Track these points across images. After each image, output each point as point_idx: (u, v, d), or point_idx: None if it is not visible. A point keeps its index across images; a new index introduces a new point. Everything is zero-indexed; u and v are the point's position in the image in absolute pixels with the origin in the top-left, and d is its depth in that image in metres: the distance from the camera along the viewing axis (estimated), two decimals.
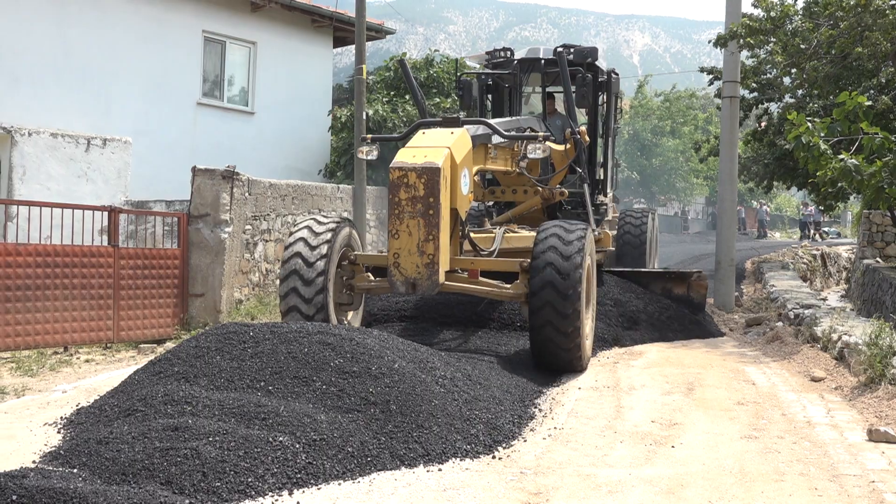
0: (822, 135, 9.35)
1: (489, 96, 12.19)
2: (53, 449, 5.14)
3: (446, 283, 7.66)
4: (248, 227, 12.64)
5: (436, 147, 7.60)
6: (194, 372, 5.81)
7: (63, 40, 16.38)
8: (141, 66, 17.51)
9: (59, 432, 5.67)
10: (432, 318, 9.64)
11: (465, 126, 8.24)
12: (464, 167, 7.86)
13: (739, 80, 14.84)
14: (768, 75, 16.63)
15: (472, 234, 8.92)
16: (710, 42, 14.44)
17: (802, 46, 12.92)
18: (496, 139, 8.83)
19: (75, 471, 4.56)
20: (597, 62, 11.51)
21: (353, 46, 19.42)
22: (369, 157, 8.85)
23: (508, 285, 8.06)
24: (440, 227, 7.28)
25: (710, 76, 18.76)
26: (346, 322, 8.56)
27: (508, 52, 11.97)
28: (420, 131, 8.25)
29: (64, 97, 16.31)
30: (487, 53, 12.32)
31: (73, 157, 15.24)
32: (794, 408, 6.85)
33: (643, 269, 12.15)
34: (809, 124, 9.33)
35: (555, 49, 11.00)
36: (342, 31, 21.11)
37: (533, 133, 9.06)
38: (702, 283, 11.20)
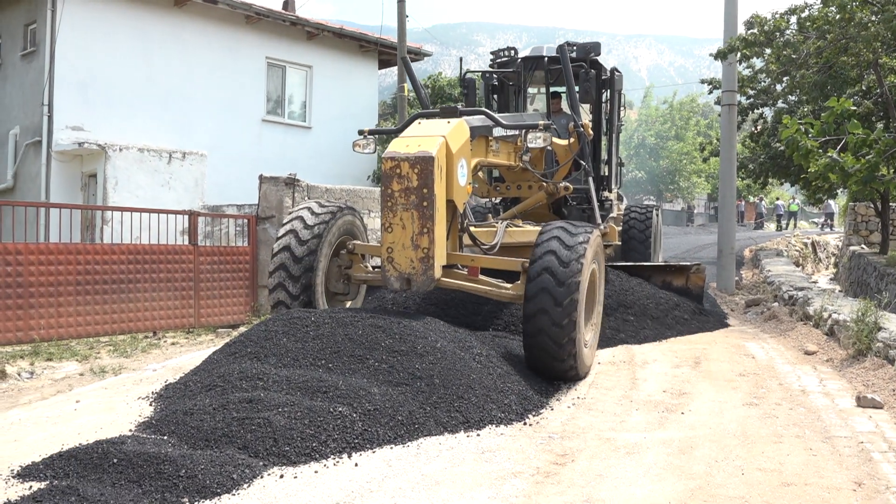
0: (812, 134, 9.21)
1: (495, 96, 11.00)
2: (146, 419, 5.20)
3: (443, 279, 6.45)
4: None
5: (430, 136, 6.41)
6: (265, 352, 5.84)
7: (148, 69, 16.63)
8: (214, 90, 17.74)
9: (150, 405, 5.74)
10: (437, 315, 7.92)
11: (465, 117, 6.99)
12: (461, 157, 6.59)
13: (737, 90, 14.63)
14: (763, 83, 16.39)
15: (473, 229, 7.61)
16: (710, 55, 14.24)
17: (793, 56, 12.69)
18: (498, 132, 7.54)
19: (165, 438, 4.63)
20: (599, 57, 10.23)
21: (396, 68, 19.51)
22: (366, 151, 7.65)
23: (509, 285, 6.73)
24: (435, 220, 6.15)
25: (710, 86, 18.57)
26: None
27: (513, 52, 10.79)
28: (416, 121, 7.02)
29: (149, 117, 16.56)
30: (492, 53, 11.08)
31: (157, 169, 15.48)
32: (789, 378, 6.75)
33: (645, 263, 10.81)
34: (801, 127, 9.19)
35: (558, 46, 9.74)
36: (386, 54, 21.18)
37: (533, 123, 7.75)
38: (699, 275, 10.17)
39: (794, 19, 13.10)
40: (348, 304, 7.57)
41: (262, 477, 4.17)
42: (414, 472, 4.31)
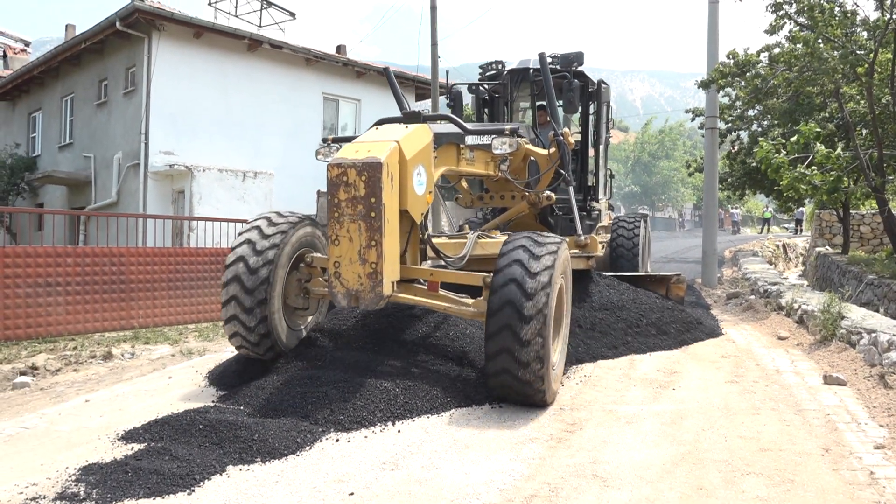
0: (785, 153, 9.07)
1: (486, 109, 9.57)
2: (225, 392, 5.26)
3: (397, 295, 5.03)
4: None
5: (382, 141, 4.96)
6: (321, 338, 5.87)
7: (226, 103, 16.80)
8: (280, 119, 17.87)
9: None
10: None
11: (430, 123, 5.66)
12: (417, 164, 5.10)
13: (718, 116, 14.42)
14: (738, 110, 16.14)
15: (438, 241, 6.20)
16: (695, 83, 14.02)
17: (759, 86, 12.45)
18: (472, 140, 6.17)
19: (241, 408, 4.67)
20: (582, 67, 8.68)
21: (430, 100, 19.54)
22: (327, 160, 5.55)
23: (471, 301, 5.23)
24: (384, 232, 4.69)
25: (693, 115, 18.32)
26: (302, 328, 5.93)
27: (500, 65, 9.34)
28: (374, 127, 5.53)
29: (227, 143, 16.73)
30: (481, 67, 9.55)
31: (233, 186, 15.64)
32: (765, 360, 6.63)
33: (628, 273, 8.84)
34: (773, 147, 9.07)
35: (539, 54, 8.08)
36: (421, 89, 21.21)
37: (499, 128, 6.34)
38: (680, 285, 8.41)
39: (765, 56, 12.85)
40: (309, 319, 6.08)
41: (321, 441, 4.19)
42: (447, 438, 4.30)
